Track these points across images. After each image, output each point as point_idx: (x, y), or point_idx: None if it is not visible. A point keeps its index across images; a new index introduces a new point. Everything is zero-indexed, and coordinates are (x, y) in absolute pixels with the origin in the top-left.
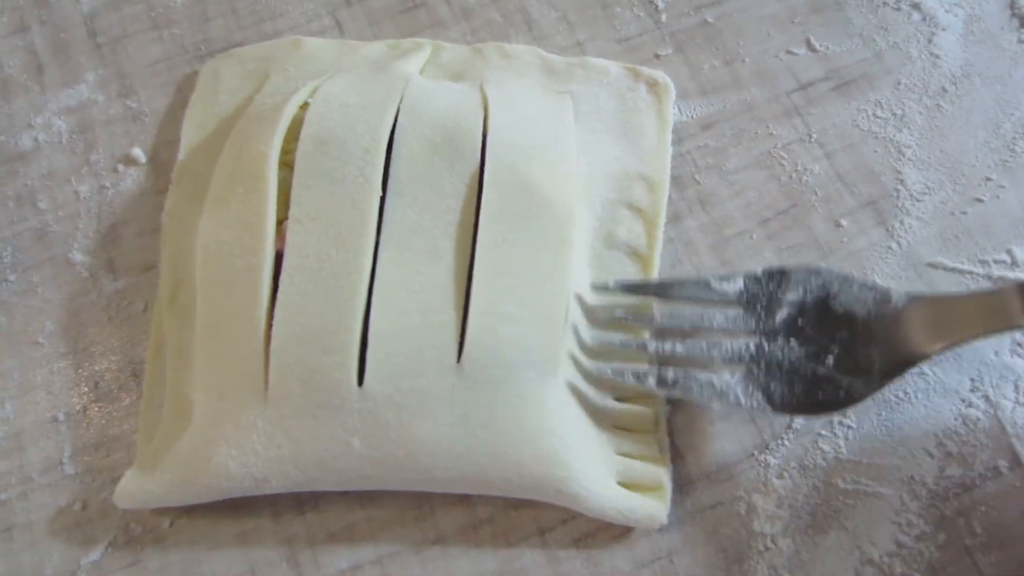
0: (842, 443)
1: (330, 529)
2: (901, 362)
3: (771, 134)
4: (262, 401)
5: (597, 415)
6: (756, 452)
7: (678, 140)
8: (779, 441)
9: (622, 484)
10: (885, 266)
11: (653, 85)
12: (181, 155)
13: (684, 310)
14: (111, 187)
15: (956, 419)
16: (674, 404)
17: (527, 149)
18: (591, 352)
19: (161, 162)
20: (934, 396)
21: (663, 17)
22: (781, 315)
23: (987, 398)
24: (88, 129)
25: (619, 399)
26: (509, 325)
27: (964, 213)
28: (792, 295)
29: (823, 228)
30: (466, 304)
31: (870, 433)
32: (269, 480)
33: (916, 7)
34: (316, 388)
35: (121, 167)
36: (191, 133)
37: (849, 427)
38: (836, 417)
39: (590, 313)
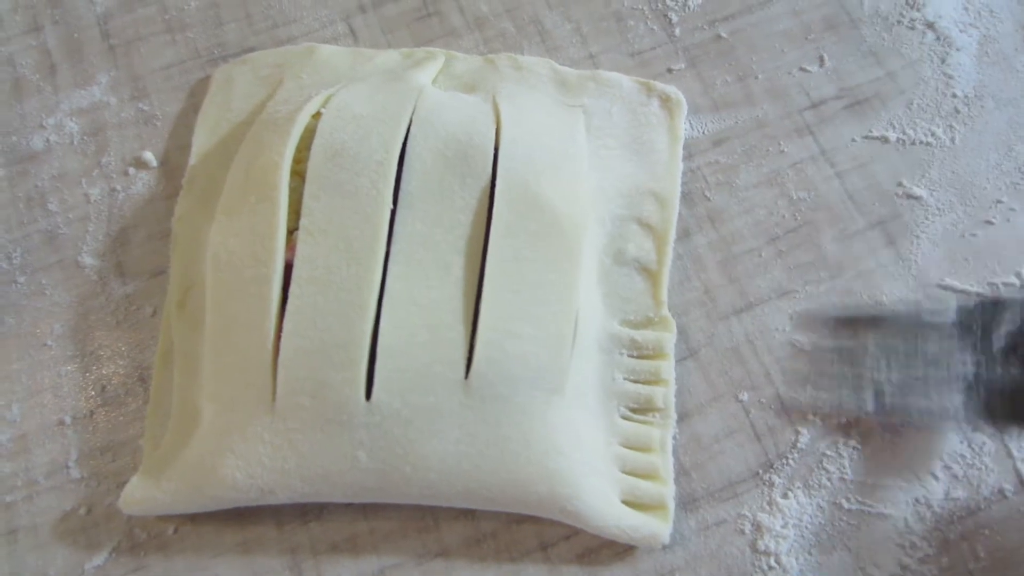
0: (847, 464)
1: (333, 540)
2: None
3: (782, 152)
4: (269, 413)
5: (603, 433)
6: (761, 471)
7: (689, 156)
8: (784, 461)
9: (626, 502)
10: (894, 286)
11: (666, 100)
12: (193, 160)
13: (898, 341)
14: (122, 190)
15: (962, 442)
16: (680, 422)
17: (538, 165)
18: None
19: (172, 166)
20: (941, 419)
21: (677, 31)
22: (999, 342)
23: None
24: (100, 131)
25: (625, 418)
26: (517, 343)
27: (974, 235)
28: (1009, 326)
29: (833, 247)
30: (475, 319)
31: (876, 454)
32: (275, 492)
33: (931, 27)
34: (324, 401)
35: (132, 170)
36: (203, 138)
37: (855, 448)
38: (840, 438)
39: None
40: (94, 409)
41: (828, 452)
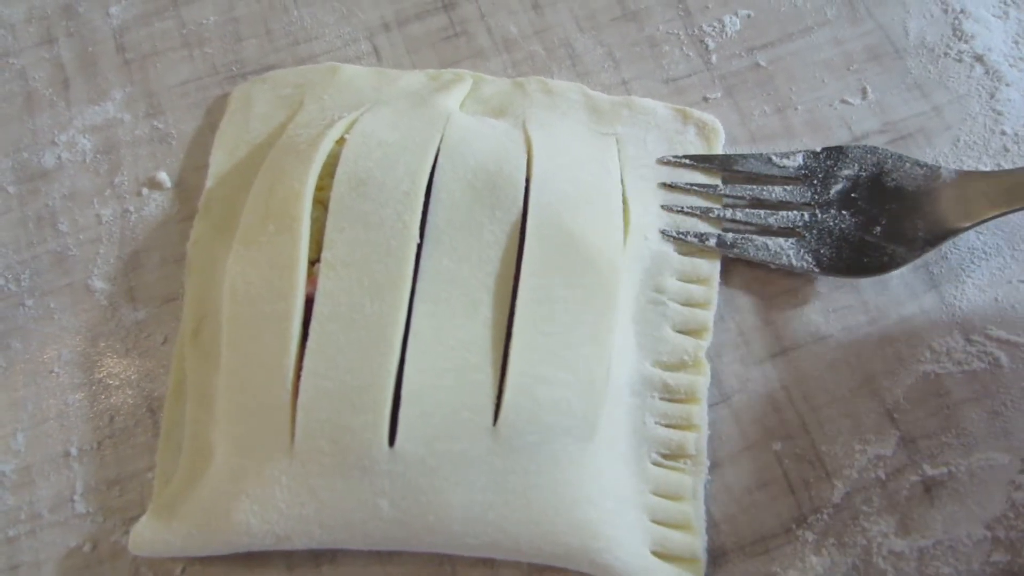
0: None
1: None
2: (943, 231)
3: None
4: (287, 456)
5: (634, 480)
6: (794, 526)
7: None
8: (818, 515)
9: (656, 553)
10: (936, 333)
11: (702, 128)
12: (209, 182)
13: (747, 184)
14: (134, 212)
15: (1005, 502)
16: (712, 471)
17: (572, 199)
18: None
19: (187, 188)
20: (982, 477)
21: (713, 58)
22: (836, 188)
23: None
24: (113, 149)
25: (656, 464)
26: (548, 388)
27: (1022, 282)
28: (848, 171)
29: (872, 290)
30: (504, 361)
31: (915, 514)
32: (291, 538)
33: (979, 60)
34: (345, 447)
35: (145, 191)
36: (220, 160)
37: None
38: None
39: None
40: (101, 440)
41: (864, 508)
